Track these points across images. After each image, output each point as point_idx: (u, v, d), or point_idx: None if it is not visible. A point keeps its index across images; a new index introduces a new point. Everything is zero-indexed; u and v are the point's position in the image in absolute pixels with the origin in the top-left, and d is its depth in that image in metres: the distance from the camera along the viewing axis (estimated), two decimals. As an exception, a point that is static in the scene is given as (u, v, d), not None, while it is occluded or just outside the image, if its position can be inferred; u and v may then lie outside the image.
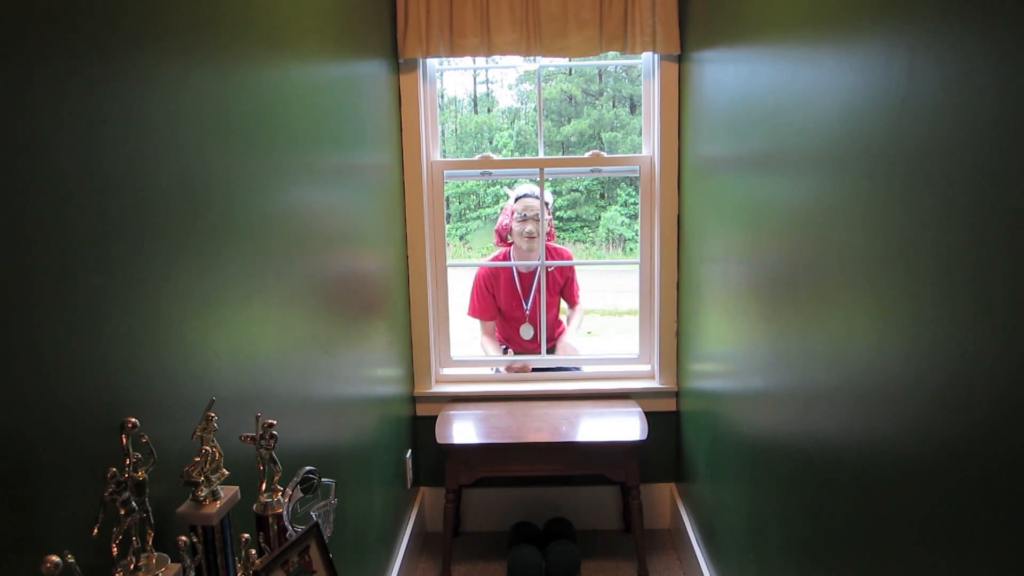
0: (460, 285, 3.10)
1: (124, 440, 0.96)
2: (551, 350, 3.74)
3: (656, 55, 3.09)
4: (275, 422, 1.29)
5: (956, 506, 1.04)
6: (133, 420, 0.97)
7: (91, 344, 0.98)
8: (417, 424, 3.39)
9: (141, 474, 0.97)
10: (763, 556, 2.01)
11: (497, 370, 3.57)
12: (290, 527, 1.32)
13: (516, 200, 3.64)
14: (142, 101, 1.11)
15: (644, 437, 2.95)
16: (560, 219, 11.94)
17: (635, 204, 3.26)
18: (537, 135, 3.38)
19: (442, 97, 3.19)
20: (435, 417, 3.24)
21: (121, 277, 1.05)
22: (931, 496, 1.11)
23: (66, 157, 0.93)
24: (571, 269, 3.78)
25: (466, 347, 7.44)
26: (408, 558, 2.98)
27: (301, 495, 1.38)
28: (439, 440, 2.99)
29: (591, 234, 11.85)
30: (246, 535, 1.21)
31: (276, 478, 1.32)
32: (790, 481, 1.77)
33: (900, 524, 1.21)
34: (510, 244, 3.72)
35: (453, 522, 3.00)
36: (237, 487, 1.22)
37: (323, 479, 1.42)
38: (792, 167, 1.72)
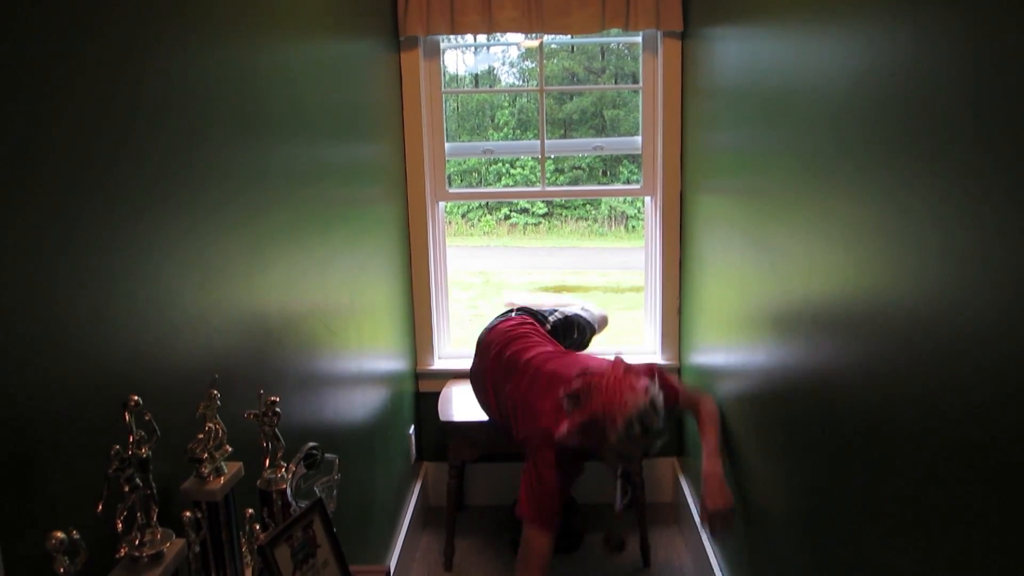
0: (461, 264, 3.10)
1: (127, 418, 0.97)
2: None
3: (659, 32, 3.08)
4: (278, 399, 1.30)
5: (958, 495, 1.05)
6: (136, 398, 0.97)
7: (93, 322, 0.99)
8: (420, 400, 3.41)
9: (144, 451, 0.98)
10: (766, 529, 2.02)
11: None
12: (294, 502, 1.33)
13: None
14: (135, 82, 1.11)
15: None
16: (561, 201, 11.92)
17: (637, 181, 3.27)
18: (539, 113, 3.36)
19: (444, 75, 3.15)
20: (438, 393, 3.26)
21: (122, 254, 1.05)
22: (924, 476, 1.12)
23: (67, 130, 0.93)
24: None
25: (466, 327, 7.46)
26: (411, 532, 3.01)
27: (304, 471, 1.39)
28: (442, 418, 3.00)
29: (593, 211, 11.82)
30: (250, 510, 1.23)
31: (279, 454, 1.33)
32: (793, 455, 1.78)
33: (910, 501, 1.22)
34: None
35: (456, 497, 3.03)
36: (241, 463, 1.23)
37: (326, 455, 1.43)
38: (798, 139, 1.71)
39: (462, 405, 3.10)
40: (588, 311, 3.15)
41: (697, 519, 2.89)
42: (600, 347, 3.36)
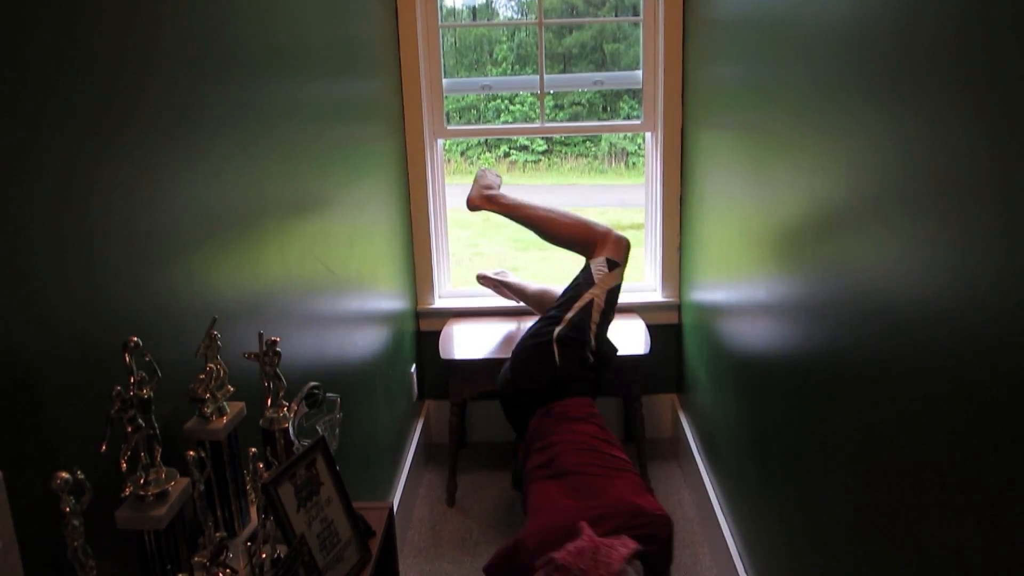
0: (460, 202, 3.06)
1: (127, 359, 0.97)
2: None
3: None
4: (278, 339, 1.30)
5: (955, 420, 1.05)
6: (135, 339, 0.97)
7: (93, 264, 0.98)
8: (421, 339, 3.42)
9: (146, 392, 0.98)
10: (763, 463, 2.05)
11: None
12: (296, 441, 1.34)
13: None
14: (129, 15, 1.08)
15: (646, 352, 2.98)
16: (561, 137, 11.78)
17: (638, 117, 3.21)
18: (538, 47, 3.30)
19: (440, 9, 3.07)
20: (439, 332, 3.27)
21: (120, 196, 1.04)
22: (930, 410, 1.12)
23: (61, 75, 0.91)
24: None
25: (466, 265, 7.46)
26: (414, 469, 3.05)
27: (307, 410, 1.40)
28: (442, 356, 3.02)
29: (593, 148, 11.71)
30: (253, 449, 1.24)
31: (281, 394, 1.33)
32: (791, 392, 1.79)
33: (901, 436, 1.23)
34: None
35: (458, 434, 3.06)
36: (243, 403, 1.23)
37: (328, 394, 1.44)
38: (802, 71, 1.68)
39: (463, 343, 3.11)
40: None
41: (696, 454, 2.93)
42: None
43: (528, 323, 3.26)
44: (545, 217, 2.82)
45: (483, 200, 2.98)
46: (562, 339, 2.48)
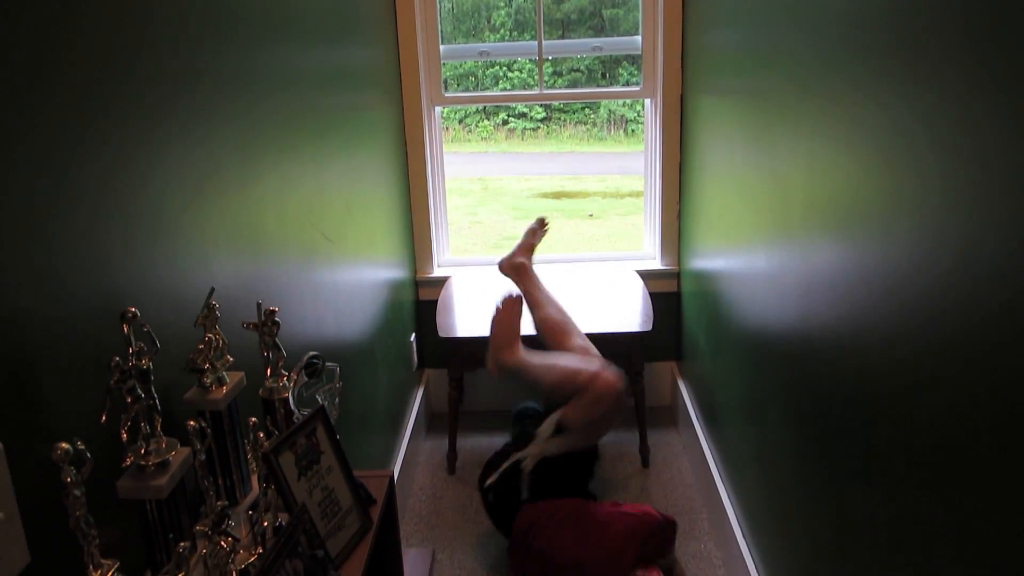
0: (459, 170, 3.05)
1: (125, 329, 0.97)
2: None
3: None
4: (277, 309, 1.30)
5: (952, 390, 1.06)
6: (133, 309, 0.97)
7: (90, 235, 0.97)
8: (420, 308, 3.42)
9: (145, 363, 0.98)
10: (762, 429, 2.06)
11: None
12: (296, 411, 1.34)
13: None
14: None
15: (648, 328, 2.96)
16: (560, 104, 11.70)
17: (637, 83, 3.16)
18: (536, 12, 3.26)
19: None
20: (437, 301, 3.26)
21: (113, 163, 1.03)
22: (926, 380, 1.12)
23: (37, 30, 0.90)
24: None
25: (465, 234, 7.45)
26: (415, 437, 3.07)
27: (306, 380, 1.40)
28: (441, 333, 3.00)
29: (592, 115, 11.63)
30: (254, 419, 1.24)
31: (280, 364, 1.33)
32: (791, 358, 1.79)
33: (902, 405, 1.23)
34: None
35: (457, 406, 3.06)
36: (242, 373, 1.23)
37: (327, 363, 1.44)
38: (804, 36, 1.66)
39: (461, 317, 3.11)
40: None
41: (695, 420, 2.95)
42: (601, 253, 3.35)
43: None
44: (553, 327, 2.70)
45: (511, 268, 2.89)
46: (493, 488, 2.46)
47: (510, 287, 2.83)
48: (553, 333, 2.66)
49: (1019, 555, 0.91)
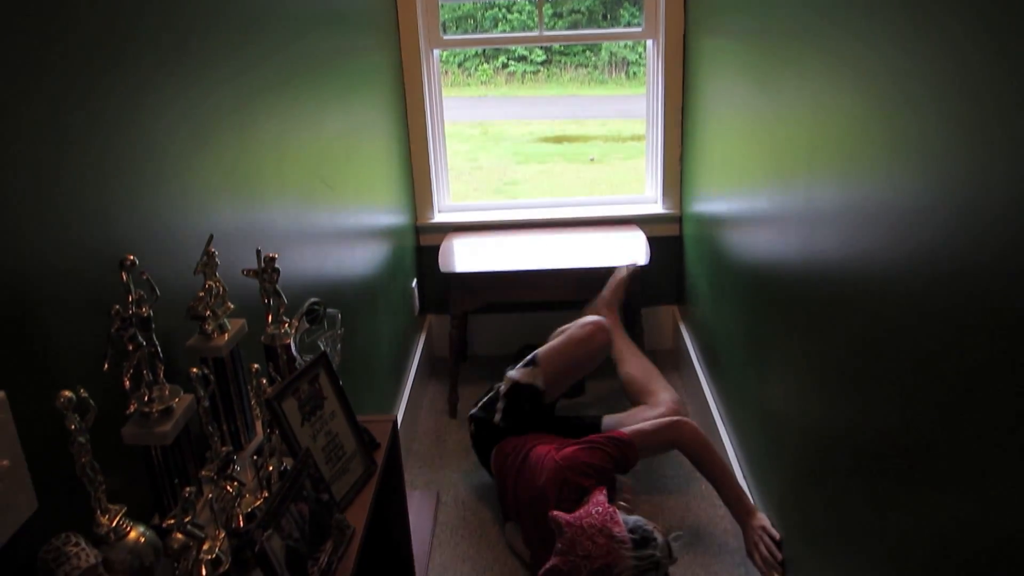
0: (458, 115, 3.01)
1: (124, 277, 0.96)
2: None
3: None
4: (276, 255, 1.30)
5: (952, 328, 1.05)
6: (132, 257, 0.97)
7: (88, 183, 0.96)
8: (421, 253, 3.41)
9: (145, 310, 0.98)
10: (762, 373, 2.07)
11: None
12: (298, 357, 1.35)
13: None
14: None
15: (646, 263, 2.98)
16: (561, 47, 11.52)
17: (638, 24, 3.09)
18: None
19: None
20: (439, 247, 3.26)
21: (115, 112, 1.01)
22: (928, 318, 1.12)
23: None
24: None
25: (465, 179, 7.40)
26: (418, 382, 3.09)
27: (308, 326, 1.40)
28: (442, 268, 3.02)
29: (593, 58, 11.47)
30: (256, 365, 1.24)
31: (281, 311, 1.33)
32: (793, 299, 1.79)
33: (897, 342, 1.23)
34: None
35: (459, 347, 3.08)
36: (244, 320, 1.23)
37: (328, 309, 1.44)
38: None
39: (462, 256, 3.11)
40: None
41: (696, 363, 2.96)
42: (600, 195, 3.33)
43: (532, 236, 3.26)
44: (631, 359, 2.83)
45: (606, 307, 2.90)
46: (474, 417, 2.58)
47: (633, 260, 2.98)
48: (636, 388, 2.75)
49: (1019, 476, 0.92)
